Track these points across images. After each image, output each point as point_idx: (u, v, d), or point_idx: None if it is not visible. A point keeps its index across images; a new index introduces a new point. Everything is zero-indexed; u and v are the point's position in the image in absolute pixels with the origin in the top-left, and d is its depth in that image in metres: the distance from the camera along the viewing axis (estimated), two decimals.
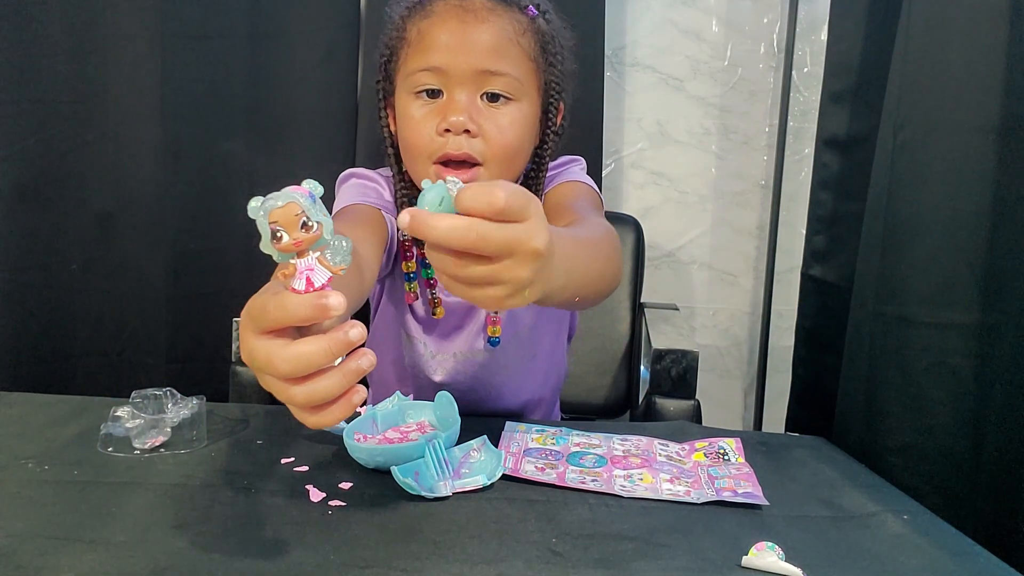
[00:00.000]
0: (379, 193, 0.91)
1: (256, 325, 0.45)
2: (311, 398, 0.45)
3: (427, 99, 0.81)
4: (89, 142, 1.44)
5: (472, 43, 0.78)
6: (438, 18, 0.79)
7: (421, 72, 0.80)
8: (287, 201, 0.43)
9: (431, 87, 0.81)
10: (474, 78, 0.80)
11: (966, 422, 0.90)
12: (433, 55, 0.79)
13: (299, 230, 0.44)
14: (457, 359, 0.93)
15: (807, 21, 1.65)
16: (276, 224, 0.44)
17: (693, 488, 0.70)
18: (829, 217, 1.31)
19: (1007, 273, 0.86)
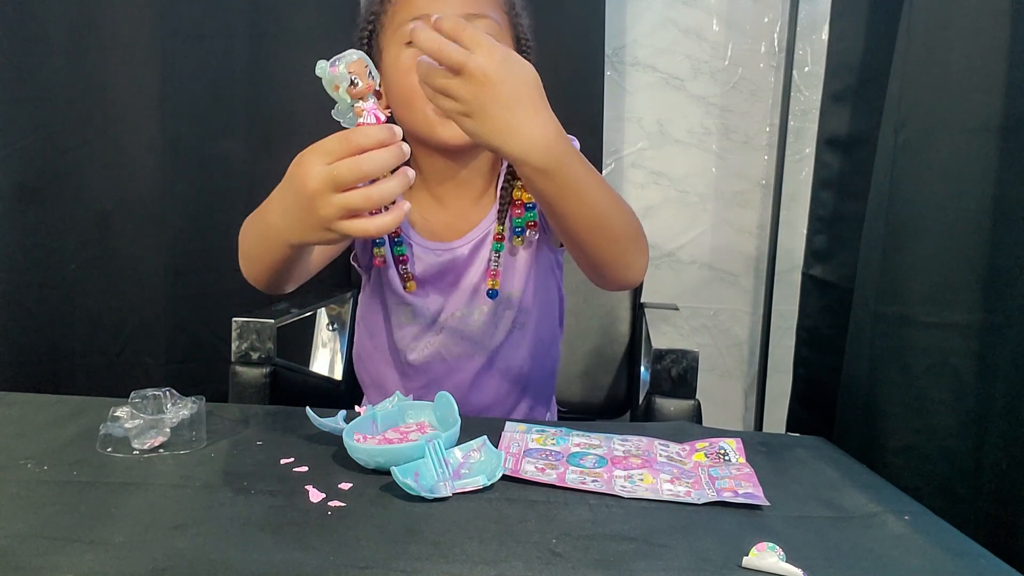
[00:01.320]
0: None
1: (339, 151, 0.60)
2: (381, 198, 0.60)
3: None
4: (88, 141, 1.44)
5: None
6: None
7: (411, 22, 0.83)
8: (358, 56, 0.60)
9: None
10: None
11: (967, 422, 0.90)
12: (420, 3, 0.85)
13: (368, 77, 0.60)
14: (456, 319, 0.95)
15: (808, 20, 1.65)
16: (353, 73, 0.60)
17: (693, 488, 0.70)
18: (830, 217, 1.31)
19: (1008, 273, 0.86)
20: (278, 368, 1.03)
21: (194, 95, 1.46)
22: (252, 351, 1.02)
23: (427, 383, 0.98)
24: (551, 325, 1.04)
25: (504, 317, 0.97)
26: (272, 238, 0.70)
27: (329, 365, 1.44)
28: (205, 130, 1.47)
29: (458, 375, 0.98)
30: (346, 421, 0.75)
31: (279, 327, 1.04)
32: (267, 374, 1.00)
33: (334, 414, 0.77)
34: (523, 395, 1.02)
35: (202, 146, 1.48)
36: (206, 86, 1.46)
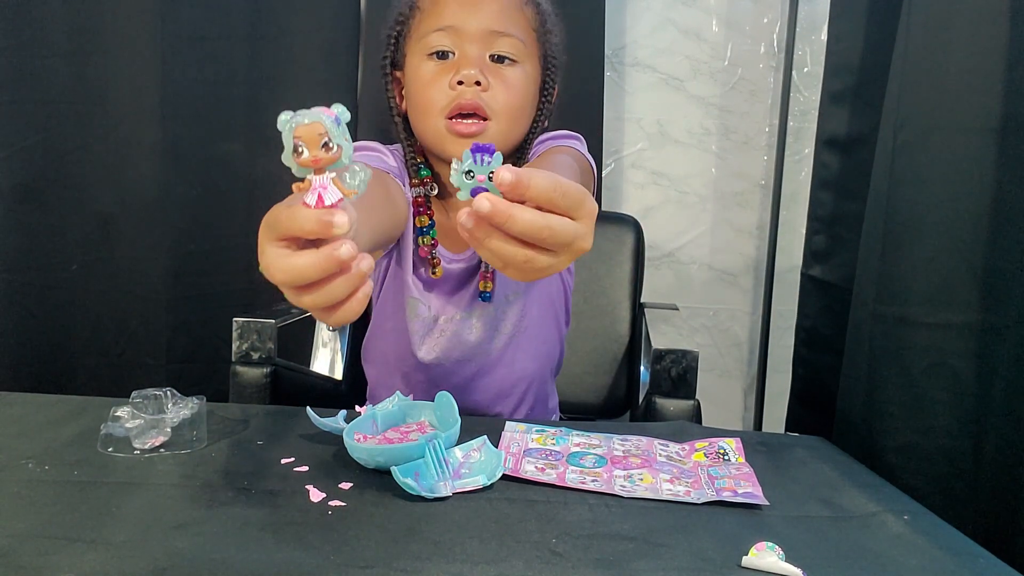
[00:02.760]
0: (384, 161, 0.93)
1: (269, 233, 0.47)
2: (316, 302, 0.47)
3: (439, 60, 0.87)
4: (89, 143, 1.44)
5: (482, 4, 0.85)
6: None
7: (435, 33, 0.85)
8: (313, 120, 0.45)
9: (443, 48, 0.86)
10: (484, 38, 0.86)
11: (966, 422, 0.90)
12: (446, 15, 0.85)
13: (319, 148, 0.45)
14: (456, 323, 0.95)
15: (807, 21, 1.65)
16: (299, 140, 0.46)
17: (693, 488, 0.70)
18: (829, 217, 1.31)
19: (1007, 273, 0.86)
20: (279, 368, 1.03)
21: (195, 97, 1.46)
22: (253, 351, 1.02)
23: (428, 379, 0.98)
24: (555, 325, 1.04)
25: (505, 321, 0.97)
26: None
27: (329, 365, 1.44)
28: (206, 132, 1.48)
29: (457, 377, 0.98)
30: (346, 421, 0.75)
31: (280, 327, 1.04)
32: (267, 374, 1.01)
33: (334, 414, 0.77)
34: (524, 396, 1.03)
35: (203, 148, 1.48)
36: (207, 88, 1.47)
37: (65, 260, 1.46)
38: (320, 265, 0.45)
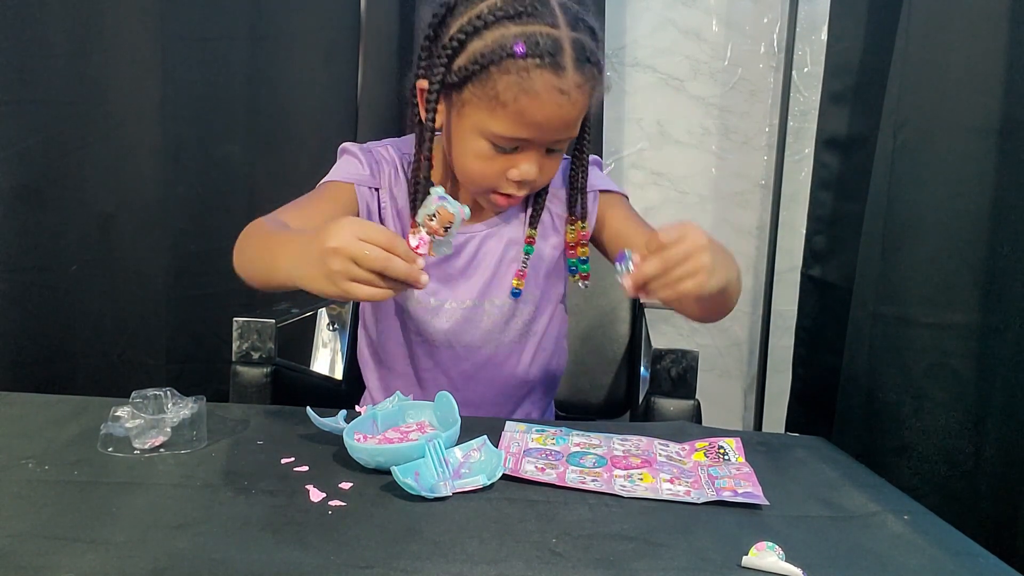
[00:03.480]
0: (359, 168, 0.93)
1: (377, 239, 0.65)
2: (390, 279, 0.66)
3: (499, 148, 0.83)
4: (89, 143, 1.44)
5: (560, 122, 0.82)
6: (538, 101, 0.78)
7: (509, 137, 0.81)
8: (452, 210, 0.70)
9: (507, 147, 0.83)
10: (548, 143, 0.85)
11: (966, 422, 0.90)
12: (524, 131, 0.81)
13: (441, 227, 0.70)
14: (466, 308, 0.95)
15: (807, 21, 1.65)
16: (438, 213, 0.70)
17: (693, 488, 0.70)
18: (829, 217, 1.31)
19: (1007, 274, 0.86)
20: (279, 368, 1.03)
21: (195, 97, 1.46)
22: (253, 351, 1.02)
23: (435, 364, 0.98)
24: (559, 325, 1.04)
25: (516, 318, 0.98)
26: (279, 272, 0.73)
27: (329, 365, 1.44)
28: (206, 132, 1.48)
29: (466, 363, 0.97)
30: (346, 421, 0.75)
31: (280, 327, 1.04)
32: (268, 374, 1.01)
33: (334, 414, 0.77)
34: (523, 401, 1.03)
35: (203, 148, 1.48)
36: (207, 88, 1.47)
37: (65, 260, 1.46)
38: (402, 269, 0.66)
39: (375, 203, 0.93)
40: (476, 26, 0.78)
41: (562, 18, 0.78)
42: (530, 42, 0.76)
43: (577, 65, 0.78)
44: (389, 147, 0.96)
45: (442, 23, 0.83)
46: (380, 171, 0.93)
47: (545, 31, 0.77)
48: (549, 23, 0.78)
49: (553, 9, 0.79)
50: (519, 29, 0.77)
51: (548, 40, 0.77)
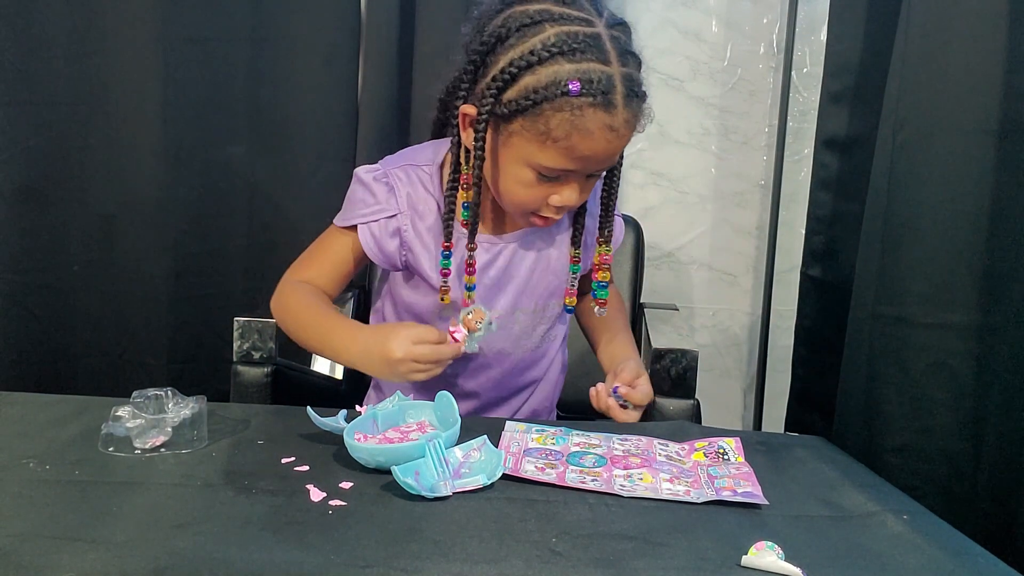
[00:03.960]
0: (370, 200, 0.93)
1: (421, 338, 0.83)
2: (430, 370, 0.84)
3: (543, 177, 0.84)
4: (91, 144, 1.44)
5: (607, 156, 0.83)
6: (590, 138, 0.79)
7: (556, 169, 0.82)
8: (486, 317, 0.88)
9: (552, 176, 0.84)
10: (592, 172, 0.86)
11: (965, 422, 0.90)
12: (571, 164, 0.82)
13: (475, 323, 0.87)
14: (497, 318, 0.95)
15: (807, 21, 1.65)
16: (474, 312, 0.88)
17: (693, 488, 0.70)
18: (828, 217, 1.31)
19: (1006, 274, 0.86)
20: (279, 368, 1.03)
21: (196, 98, 1.46)
22: (253, 351, 1.02)
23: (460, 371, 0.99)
24: (566, 328, 1.07)
25: (542, 324, 1.00)
26: (339, 359, 0.86)
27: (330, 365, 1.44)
28: (207, 133, 1.48)
29: (491, 371, 0.99)
30: (347, 420, 0.75)
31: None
32: (268, 373, 1.01)
33: (335, 413, 0.78)
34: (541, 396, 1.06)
35: (204, 149, 1.48)
36: (208, 89, 1.47)
37: (66, 261, 1.46)
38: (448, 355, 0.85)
39: (392, 228, 0.93)
40: (530, 61, 0.77)
41: (613, 53, 0.78)
42: (584, 80, 0.76)
43: (627, 102, 0.79)
44: (407, 167, 0.95)
45: (491, 51, 0.81)
46: (397, 195, 0.93)
47: (598, 69, 0.77)
48: (602, 60, 0.77)
49: (604, 45, 0.78)
50: (573, 67, 0.77)
51: (601, 78, 0.77)
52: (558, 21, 0.78)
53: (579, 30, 0.78)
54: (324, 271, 0.97)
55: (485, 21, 0.83)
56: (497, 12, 0.83)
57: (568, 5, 0.80)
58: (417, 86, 1.55)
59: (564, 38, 0.77)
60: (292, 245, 1.57)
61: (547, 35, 0.78)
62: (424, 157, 0.96)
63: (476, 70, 0.83)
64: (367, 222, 0.93)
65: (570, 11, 0.79)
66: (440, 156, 0.96)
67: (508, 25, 0.80)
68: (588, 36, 0.78)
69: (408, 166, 0.95)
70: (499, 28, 0.80)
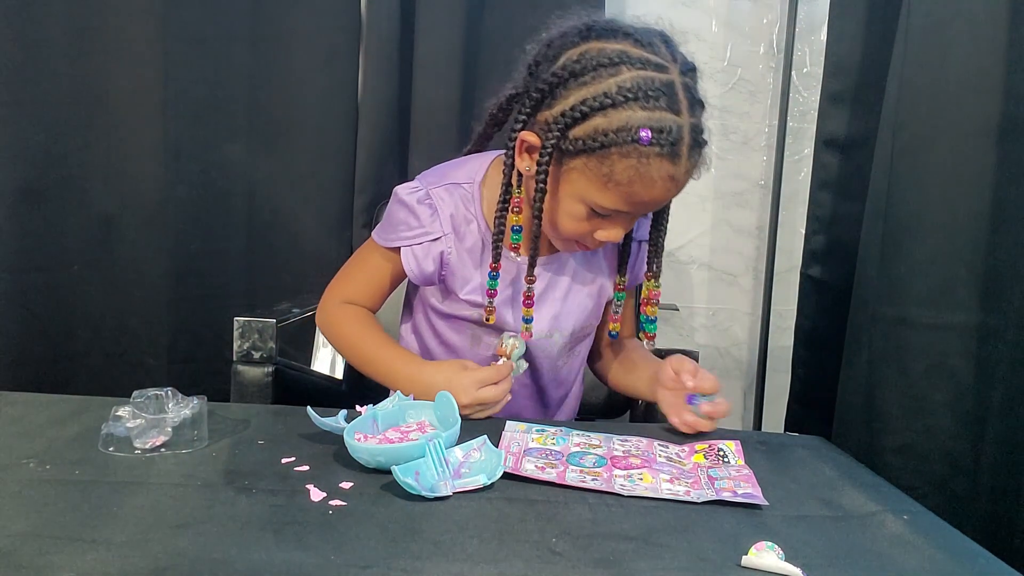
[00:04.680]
0: (412, 223, 0.92)
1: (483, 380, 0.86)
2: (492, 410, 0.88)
3: (595, 213, 0.83)
4: (90, 144, 1.44)
5: (662, 201, 0.84)
6: (652, 187, 0.78)
7: (610, 208, 0.81)
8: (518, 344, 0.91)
9: (603, 213, 0.83)
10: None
11: (965, 423, 0.90)
12: (627, 207, 0.81)
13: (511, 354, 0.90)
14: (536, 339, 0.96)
15: (807, 22, 1.65)
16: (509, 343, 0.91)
17: (693, 488, 0.70)
18: (828, 218, 1.31)
19: (1006, 275, 0.86)
20: (280, 367, 1.03)
21: (195, 98, 1.46)
22: (254, 350, 1.02)
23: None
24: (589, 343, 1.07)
25: (576, 346, 1.01)
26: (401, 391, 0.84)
27: (330, 364, 1.44)
28: (206, 133, 1.48)
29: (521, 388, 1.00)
30: (347, 420, 0.75)
31: (280, 326, 1.04)
32: (269, 373, 1.01)
33: (335, 413, 0.78)
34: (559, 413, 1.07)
35: (203, 149, 1.48)
36: (207, 89, 1.47)
37: (66, 260, 1.46)
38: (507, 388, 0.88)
39: (435, 251, 0.92)
40: (603, 103, 0.76)
41: (684, 102, 0.78)
42: (655, 130, 0.75)
43: (691, 152, 0.79)
44: (449, 187, 0.93)
45: (562, 84, 0.79)
46: (440, 217, 0.91)
47: (670, 119, 0.76)
48: (674, 110, 0.77)
49: (678, 93, 0.77)
50: (646, 115, 0.75)
51: (672, 128, 0.76)
52: (635, 65, 0.77)
53: (655, 76, 0.76)
54: (367, 290, 0.99)
55: (558, 50, 0.81)
56: (573, 44, 0.81)
57: (645, 48, 0.78)
58: (417, 86, 1.55)
59: (640, 83, 0.76)
60: (292, 245, 1.58)
61: (623, 78, 0.76)
62: (463, 175, 0.94)
63: (542, 99, 0.81)
64: (410, 245, 0.92)
65: (648, 55, 0.78)
66: (479, 174, 0.94)
67: (584, 61, 0.78)
68: (663, 84, 0.76)
69: (450, 185, 0.93)
70: (574, 63, 0.79)
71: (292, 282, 1.57)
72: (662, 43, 0.80)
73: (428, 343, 1.01)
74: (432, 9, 1.51)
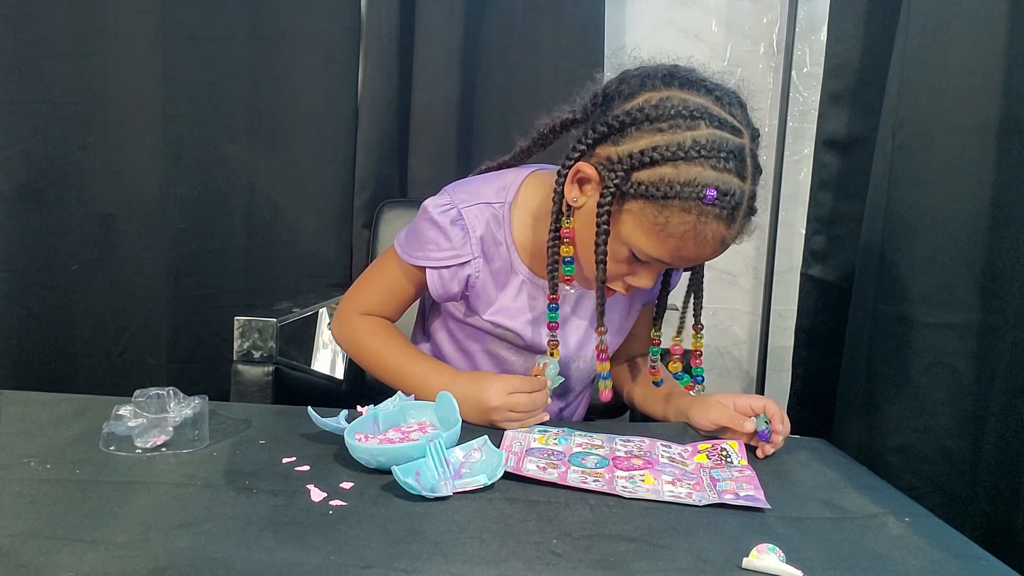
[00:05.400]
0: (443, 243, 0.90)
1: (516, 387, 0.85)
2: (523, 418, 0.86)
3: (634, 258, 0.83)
4: (90, 143, 1.44)
5: (705, 259, 0.83)
6: (702, 245, 0.78)
7: (653, 257, 0.81)
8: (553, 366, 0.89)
9: (644, 260, 0.82)
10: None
11: (965, 422, 0.90)
12: (669, 258, 0.80)
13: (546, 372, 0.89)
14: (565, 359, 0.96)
15: (807, 21, 1.65)
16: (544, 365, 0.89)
17: (695, 490, 0.70)
18: (828, 217, 1.31)
19: (1006, 274, 0.86)
20: (280, 367, 1.03)
21: (195, 97, 1.46)
22: (254, 350, 1.02)
23: None
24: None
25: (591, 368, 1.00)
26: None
27: (331, 364, 1.44)
28: (206, 132, 1.48)
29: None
30: (348, 420, 0.75)
31: (281, 326, 1.04)
32: (269, 373, 1.01)
33: (336, 413, 0.78)
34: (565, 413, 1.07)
35: (203, 148, 1.48)
36: (207, 89, 1.47)
37: (66, 260, 1.46)
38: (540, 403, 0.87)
39: (463, 273, 0.90)
40: (676, 154, 0.75)
41: (750, 169, 0.78)
42: (721, 192, 0.75)
43: (744, 219, 0.79)
44: (481, 207, 0.91)
45: (635, 124, 0.78)
46: (471, 239, 0.89)
47: (736, 184, 0.76)
48: (740, 175, 0.76)
49: (746, 160, 0.77)
50: (715, 175, 0.75)
51: (736, 193, 0.76)
52: (714, 123, 0.76)
53: (730, 139, 0.76)
54: (388, 302, 0.96)
55: (636, 88, 0.80)
56: (654, 87, 0.80)
57: (725, 108, 0.78)
58: (417, 86, 1.55)
59: (716, 143, 0.75)
60: (292, 245, 1.58)
61: (700, 134, 0.76)
62: (495, 194, 0.92)
63: (609, 133, 0.80)
64: (438, 267, 0.90)
65: (727, 116, 0.78)
66: (510, 193, 0.92)
67: (663, 108, 0.77)
68: (736, 147, 0.76)
69: (482, 205, 0.91)
70: (652, 107, 0.78)
71: (292, 282, 1.57)
72: (739, 106, 0.81)
73: (443, 347, 1.00)
74: (432, 9, 1.51)
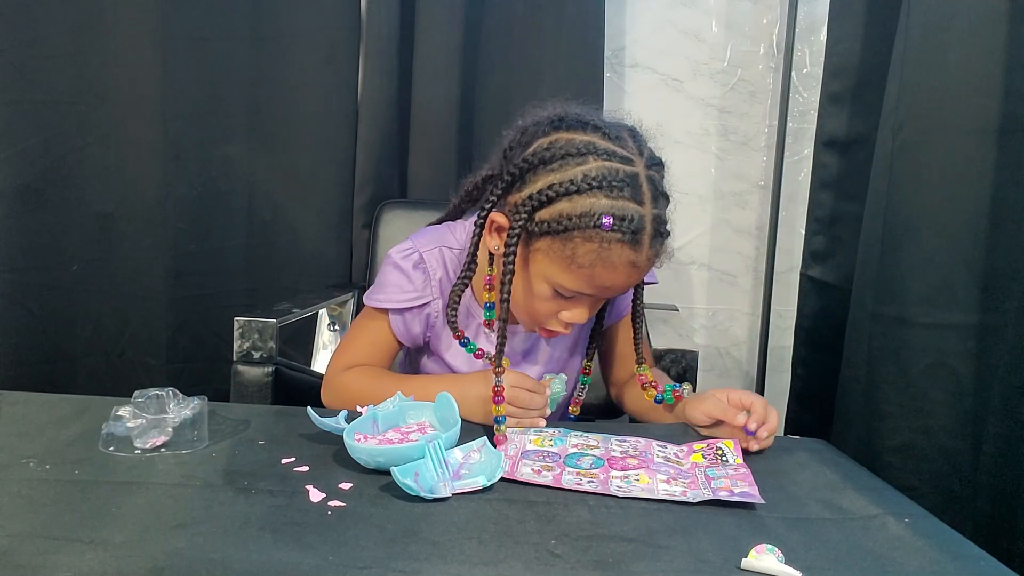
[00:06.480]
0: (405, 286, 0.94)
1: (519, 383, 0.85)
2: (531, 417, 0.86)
3: (559, 295, 0.85)
4: (90, 143, 1.44)
5: (624, 287, 0.85)
6: (613, 271, 0.80)
7: (573, 290, 0.83)
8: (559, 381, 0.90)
9: (567, 295, 0.84)
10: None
11: (965, 422, 0.90)
12: (590, 289, 0.82)
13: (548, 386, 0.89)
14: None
15: (806, 22, 1.65)
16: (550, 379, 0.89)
17: (690, 488, 0.70)
18: (828, 218, 1.31)
19: (1005, 274, 0.86)
20: (280, 367, 1.03)
21: (195, 98, 1.46)
22: (254, 350, 1.02)
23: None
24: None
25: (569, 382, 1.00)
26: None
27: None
28: (206, 132, 1.48)
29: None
30: (347, 421, 0.75)
31: (281, 326, 1.04)
32: (269, 373, 1.01)
33: (335, 414, 0.78)
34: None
35: (203, 148, 1.48)
36: (207, 89, 1.47)
37: (66, 260, 1.46)
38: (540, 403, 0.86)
39: (423, 314, 0.94)
40: (568, 189, 0.78)
41: (648, 194, 0.79)
42: (617, 217, 0.77)
43: (652, 241, 0.80)
44: (442, 249, 0.96)
45: (532, 170, 0.82)
46: (430, 281, 0.94)
47: (632, 209, 0.77)
48: (636, 200, 0.78)
49: (641, 185, 0.79)
50: (609, 202, 0.77)
51: (634, 217, 0.77)
52: (602, 156, 0.79)
53: (620, 168, 0.78)
54: (369, 356, 0.97)
55: (531, 137, 0.84)
56: (544, 133, 0.83)
57: (613, 141, 0.80)
58: (417, 86, 1.55)
59: (605, 173, 0.78)
60: (292, 245, 1.58)
61: (589, 167, 0.78)
62: (454, 239, 0.97)
63: (512, 182, 0.84)
64: (400, 309, 0.94)
65: (615, 147, 0.80)
66: (469, 241, 0.95)
67: (553, 149, 0.80)
68: (627, 175, 0.78)
69: (442, 248, 0.95)
70: (544, 151, 0.81)
71: (292, 282, 1.57)
72: (630, 137, 0.82)
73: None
74: (432, 9, 1.52)
